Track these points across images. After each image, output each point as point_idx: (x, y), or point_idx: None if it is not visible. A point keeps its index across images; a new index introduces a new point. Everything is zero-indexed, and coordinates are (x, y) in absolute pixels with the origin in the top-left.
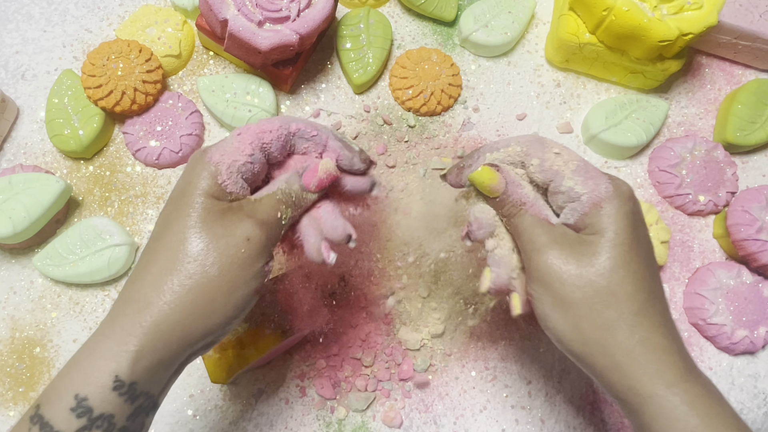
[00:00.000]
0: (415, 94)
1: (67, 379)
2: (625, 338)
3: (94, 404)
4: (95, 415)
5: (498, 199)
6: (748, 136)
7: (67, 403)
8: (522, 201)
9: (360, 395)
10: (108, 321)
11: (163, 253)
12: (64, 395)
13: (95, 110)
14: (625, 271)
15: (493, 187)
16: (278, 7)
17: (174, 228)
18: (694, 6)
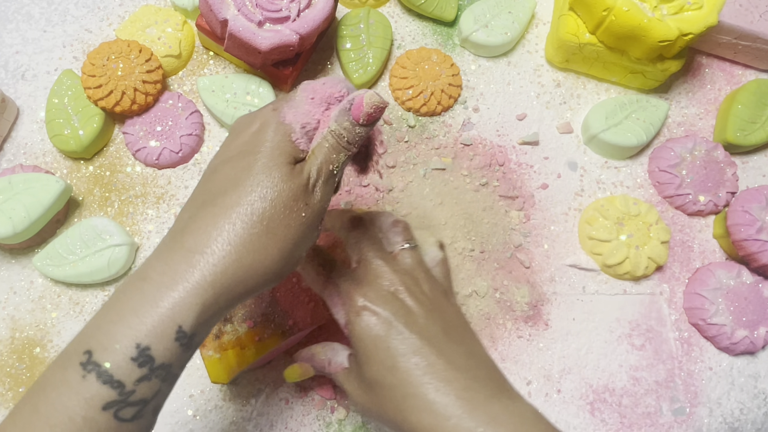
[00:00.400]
0: (415, 94)
1: (125, 328)
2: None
3: (156, 354)
4: (156, 364)
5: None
6: (748, 136)
7: (128, 352)
8: (320, 366)
9: None
10: (166, 269)
11: (233, 206)
12: (125, 344)
13: (95, 110)
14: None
15: (304, 376)
16: (278, 7)
17: (244, 182)
18: (694, 6)
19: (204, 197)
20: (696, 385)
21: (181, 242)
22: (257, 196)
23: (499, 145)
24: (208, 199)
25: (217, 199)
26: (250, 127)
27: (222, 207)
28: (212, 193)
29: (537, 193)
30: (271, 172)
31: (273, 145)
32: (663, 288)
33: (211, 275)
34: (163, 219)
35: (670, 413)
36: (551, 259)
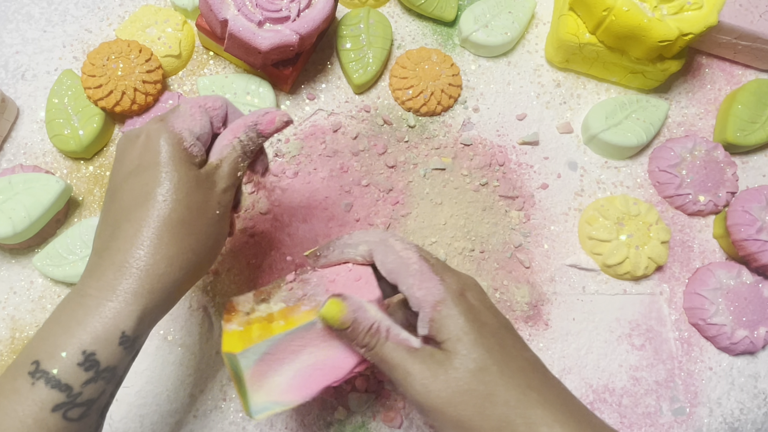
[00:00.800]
0: (415, 94)
1: (70, 338)
2: (523, 425)
3: (101, 358)
4: (102, 368)
5: (349, 329)
6: (748, 136)
7: (74, 359)
8: (375, 328)
9: (360, 395)
10: (102, 284)
11: (151, 217)
12: (71, 351)
13: (95, 110)
14: (490, 364)
15: (343, 319)
16: (278, 7)
17: (153, 193)
18: (694, 6)
19: (116, 215)
20: (696, 385)
21: (110, 259)
22: (170, 204)
23: (499, 145)
24: (121, 216)
25: (132, 214)
26: (138, 140)
27: (139, 220)
28: (125, 210)
29: (537, 193)
30: (178, 180)
31: (168, 153)
32: (663, 288)
33: (147, 282)
34: None
35: (670, 413)
36: (551, 259)
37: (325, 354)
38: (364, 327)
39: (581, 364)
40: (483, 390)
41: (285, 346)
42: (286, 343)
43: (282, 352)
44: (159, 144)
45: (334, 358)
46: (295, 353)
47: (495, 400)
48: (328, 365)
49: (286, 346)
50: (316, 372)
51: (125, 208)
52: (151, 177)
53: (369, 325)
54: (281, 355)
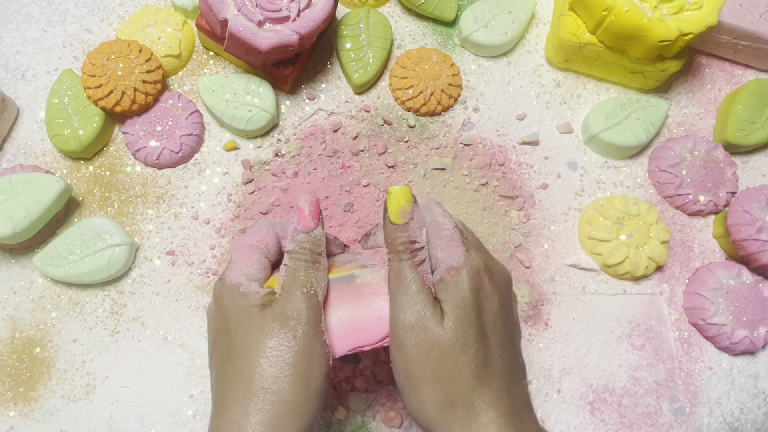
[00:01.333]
0: (415, 94)
1: None
2: (462, 417)
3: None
4: None
5: (399, 227)
6: (748, 136)
7: None
8: (416, 248)
9: (360, 396)
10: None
11: (240, 383)
12: None
13: (95, 110)
14: (466, 346)
15: (403, 210)
16: (278, 7)
17: (241, 358)
18: (694, 6)
19: (218, 374)
20: (696, 385)
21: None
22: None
23: (499, 145)
24: (221, 377)
25: (222, 376)
26: (211, 309)
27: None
28: (221, 372)
29: (537, 193)
30: (247, 336)
31: (231, 311)
32: (663, 288)
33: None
34: (163, 219)
35: (670, 413)
36: (551, 259)
37: (360, 314)
38: (410, 237)
39: (581, 364)
40: (446, 363)
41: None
42: (328, 292)
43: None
44: (223, 305)
45: (369, 320)
46: (333, 305)
47: (452, 376)
48: (361, 327)
49: (328, 294)
50: (349, 331)
51: (221, 368)
52: (231, 339)
53: (415, 239)
54: (324, 303)
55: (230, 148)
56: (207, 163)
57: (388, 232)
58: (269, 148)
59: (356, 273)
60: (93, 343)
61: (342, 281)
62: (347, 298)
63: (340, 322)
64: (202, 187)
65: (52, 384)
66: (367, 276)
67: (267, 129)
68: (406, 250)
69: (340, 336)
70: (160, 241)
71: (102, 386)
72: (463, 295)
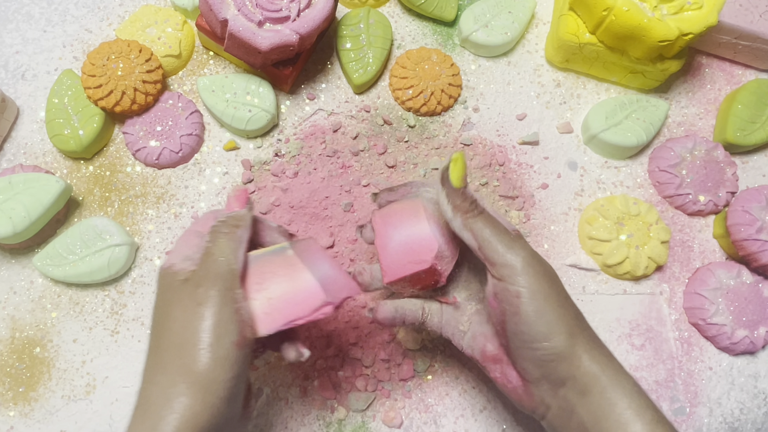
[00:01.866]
0: (415, 94)
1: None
2: (574, 325)
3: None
4: None
5: (462, 189)
6: (748, 136)
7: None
8: (480, 203)
9: (360, 395)
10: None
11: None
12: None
13: (95, 110)
14: (552, 276)
15: (465, 175)
16: (278, 7)
17: (160, 330)
18: (694, 6)
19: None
20: (696, 385)
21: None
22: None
23: (499, 145)
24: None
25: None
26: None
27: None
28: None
29: (537, 193)
30: (165, 308)
31: (161, 289)
32: (663, 288)
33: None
34: (163, 219)
35: (670, 413)
36: (551, 259)
37: (294, 287)
38: (473, 196)
39: None
40: (561, 289)
41: (256, 269)
42: (258, 267)
43: (254, 275)
44: (158, 283)
45: (302, 292)
46: (266, 280)
47: (568, 301)
48: (295, 300)
49: (258, 269)
50: (283, 305)
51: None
52: (156, 315)
53: (474, 198)
54: (254, 278)
55: (230, 148)
56: (207, 163)
57: (454, 196)
58: (269, 148)
59: (287, 245)
60: (93, 343)
61: (274, 254)
62: (279, 271)
63: (270, 297)
64: (202, 187)
65: (52, 384)
66: (299, 246)
67: (267, 129)
68: (476, 207)
69: (273, 311)
70: (160, 241)
71: (102, 386)
72: (530, 251)
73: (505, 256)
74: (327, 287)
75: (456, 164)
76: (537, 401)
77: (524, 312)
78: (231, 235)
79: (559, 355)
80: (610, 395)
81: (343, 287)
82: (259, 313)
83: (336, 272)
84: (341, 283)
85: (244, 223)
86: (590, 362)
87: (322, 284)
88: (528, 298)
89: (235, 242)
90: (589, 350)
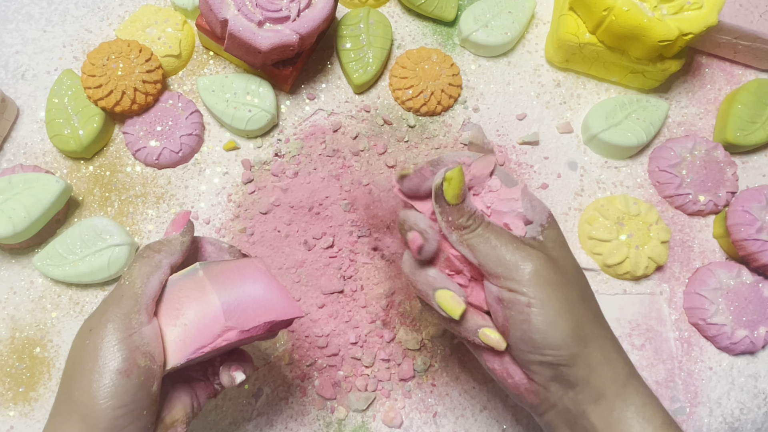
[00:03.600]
0: (415, 94)
1: None
2: (590, 331)
3: None
4: None
5: (459, 205)
6: (748, 136)
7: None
8: (478, 213)
9: (360, 395)
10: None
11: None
12: None
13: (95, 110)
14: (575, 266)
15: (462, 191)
16: (278, 7)
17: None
18: (694, 6)
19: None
20: (696, 385)
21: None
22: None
23: (499, 145)
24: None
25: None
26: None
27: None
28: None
29: (537, 193)
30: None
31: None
32: (663, 288)
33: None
34: (163, 219)
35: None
36: None
37: (203, 311)
38: (471, 209)
39: None
40: (577, 282)
41: (174, 294)
42: (175, 291)
43: (172, 300)
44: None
45: (207, 317)
46: (183, 305)
47: (582, 295)
48: (202, 325)
49: (175, 294)
50: (194, 331)
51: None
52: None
53: (472, 209)
54: (173, 304)
55: (230, 148)
56: (207, 163)
57: (450, 212)
58: (269, 148)
59: (198, 265)
60: None
61: (187, 277)
62: (192, 294)
63: (185, 323)
64: (202, 187)
65: (52, 384)
66: (210, 267)
67: (267, 129)
68: (474, 220)
69: (186, 338)
70: None
71: None
72: (555, 235)
73: (511, 271)
74: (231, 311)
75: (450, 183)
76: (541, 399)
77: (535, 322)
78: (147, 260)
79: (571, 361)
80: (623, 401)
81: (270, 310)
82: (175, 341)
83: (264, 293)
84: (260, 307)
85: (167, 248)
86: (605, 367)
87: (225, 308)
88: (539, 308)
89: (150, 267)
90: (604, 354)
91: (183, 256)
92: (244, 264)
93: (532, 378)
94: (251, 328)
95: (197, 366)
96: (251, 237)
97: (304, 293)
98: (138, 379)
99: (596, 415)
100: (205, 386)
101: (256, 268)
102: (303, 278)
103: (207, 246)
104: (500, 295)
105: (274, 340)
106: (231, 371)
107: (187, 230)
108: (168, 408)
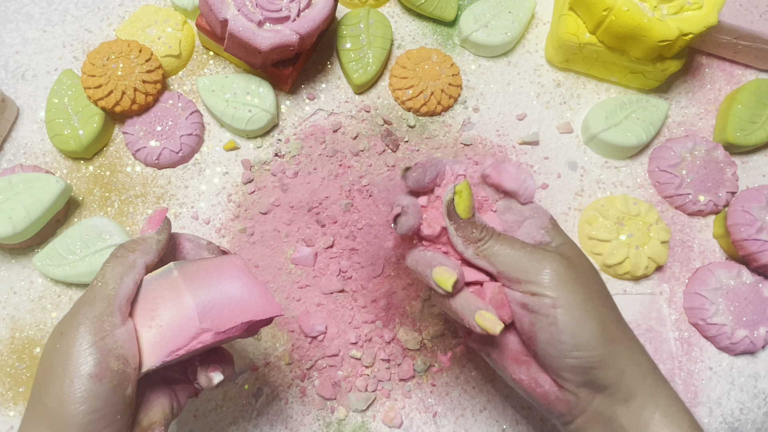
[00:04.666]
0: (415, 94)
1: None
2: (615, 330)
3: None
4: None
5: (470, 220)
6: (748, 136)
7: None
8: (488, 226)
9: (360, 395)
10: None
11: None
12: None
13: (95, 110)
14: (589, 276)
15: (472, 204)
16: (278, 7)
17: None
18: (694, 6)
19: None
20: (696, 385)
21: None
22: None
23: (499, 145)
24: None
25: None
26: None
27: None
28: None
29: (537, 193)
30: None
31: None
32: (663, 288)
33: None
34: None
35: None
36: None
37: (178, 313)
38: (481, 222)
39: None
40: (595, 282)
41: (149, 294)
42: (150, 292)
43: (148, 301)
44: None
45: (181, 318)
46: (158, 306)
47: (603, 294)
48: (177, 327)
49: (151, 294)
50: (169, 333)
51: None
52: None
53: (483, 223)
54: (148, 305)
55: (230, 148)
56: (207, 163)
57: (464, 228)
58: (269, 148)
59: (173, 265)
60: None
61: (161, 276)
62: (167, 295)
63: (161, 325)
64: (202, 187)
65: None
66: (185, 267)
67: (267, 129)
68: (486, 232)
69: (161, 341)
70: None
71: None
72: (565, 238)
73: (531, 274)
74: (206, 312)
75: (461, 196)
76: (570, 407)
77: (562, 322)
78: (121, 260)
79: (602, 362)
80: (653, 402)
81: (247, 310)
82: (151, 343)
83: (242, 292)
84: (237, 307)
85: (142, 247)
86: (633, 367)
87: (199, 310)
88: (565, 308)
89: (124, 267)
90: (632, 355)
91: (159, 255)
92: (222, 262)
93: (562, 385)
94: (227, 329)
95: (177, 366)
96: (251, 237)
97: (304, 293)
98: (111, 384)
99: (626, 417)
100: (185, 386)
101: (233, 266)
102: (303, 278)
103: (185, 243)
104: (524, 300)
105: (274, 340)
106: (209, 372)
107: (163, 228)
108: (145, 410)
